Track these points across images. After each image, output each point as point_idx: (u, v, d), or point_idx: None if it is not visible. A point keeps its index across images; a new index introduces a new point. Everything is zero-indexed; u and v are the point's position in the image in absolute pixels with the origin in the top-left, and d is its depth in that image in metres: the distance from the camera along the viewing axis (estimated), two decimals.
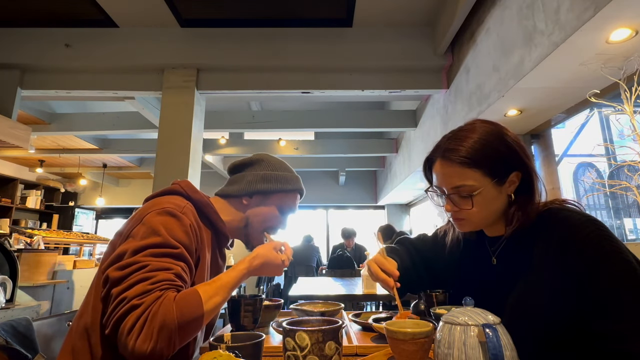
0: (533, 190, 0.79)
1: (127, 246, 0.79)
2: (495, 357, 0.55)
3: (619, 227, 2.27)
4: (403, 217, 7.50)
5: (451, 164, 0.79)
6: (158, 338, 0.69)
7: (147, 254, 0.77)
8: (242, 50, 3.15)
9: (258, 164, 1.06)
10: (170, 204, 0.88)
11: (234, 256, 6.86)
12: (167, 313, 0.70)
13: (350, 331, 1.03)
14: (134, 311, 0.70)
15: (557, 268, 0.71)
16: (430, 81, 3.23)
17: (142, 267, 0.75)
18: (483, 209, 0.79)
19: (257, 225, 1.04)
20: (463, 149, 0.77)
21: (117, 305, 0.72)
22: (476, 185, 0.77)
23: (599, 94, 1.90)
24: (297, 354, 0.67)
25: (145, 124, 4.29)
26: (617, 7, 1.48)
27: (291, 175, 1.08)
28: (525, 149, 0.80)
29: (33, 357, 0.95)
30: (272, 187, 1.03)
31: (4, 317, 2.09)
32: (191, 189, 0.97)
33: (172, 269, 0.78)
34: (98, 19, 3.06)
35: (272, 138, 5.59)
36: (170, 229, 0.83)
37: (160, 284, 0.74)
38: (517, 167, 0.78)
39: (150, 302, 0.71)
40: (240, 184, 1.04)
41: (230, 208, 1.04)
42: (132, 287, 0.73)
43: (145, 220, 0.84)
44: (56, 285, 3.22)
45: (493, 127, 0.81)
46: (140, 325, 0.69)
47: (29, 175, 6.73)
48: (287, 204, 1.06)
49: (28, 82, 3.16)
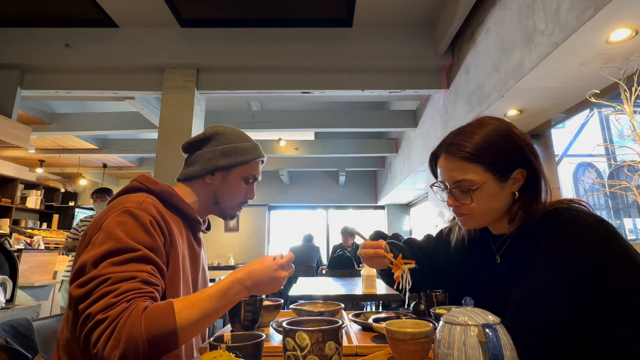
0: (538, 189, 0.78)
1: (87, 257, 0.76)
2: (495, 357, 0.55)
3: (619, 227, 2.28)
4: (403, 217, 7.50)
5: (453, 158, 0.80)
6: (124, 348, 0.66)
7: (107, 264, 0.74)
8: (242, 50, 3.15)
9: (214, 139, 1.02)
10: (128, 202, 0.85)
11: (233, 256, 6.86)
12: (134, 325, 0.68)
13: (350, 331, 1.03)
14: (99, 326, 0.68)
15: (562, 268, 0.70)
16: (430, 81, 3.23)
17: (104, 281, 0.72)
18: (484, 204, 0.79)
19: (227, 199, 1.02)
20: (466, 144, 0.78)
21: (84, 321, 0.71)
22: (477, 180, 0.77)
23: (599, 94, 1.90)
24: (297, 354, 0.67)
25: (145, 124, 4.29)
26: (617, 7, 1.48)
27: (249, 145, 1.03)
28: (532, 147, 0.79)
29: (33, 357, 0.95)
30: (232, 161, 1.00)
31: (4, 317, 2.09)
32: (150, 182, 0.94)
33: (137, 277, 0.75)
34: (98, 19, 3.06)
35: (272, 138, 5.59)
36: (129, 231, 0.79)
37: (125, 295, 0.71)
38: (522, 165, 0.78)
39: (116, 315, 0.69)
40: (199, 163, 1.00)
41: (195, 190, 1.01)
42: (95, 302, 0.70)
43: (103, 226, 0.80)
44: (56, 285, 3.22)
45: (500, 123, 0.81)
46: (105, 338, 0.67)
47: (29, 175, 6.73)
48: (250, 174, 1.03)
49: (28, 82, 3.16)
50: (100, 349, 0.67)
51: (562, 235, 0.71)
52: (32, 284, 2.90)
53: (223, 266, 5.92)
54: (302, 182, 7.58)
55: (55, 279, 3.23)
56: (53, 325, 1.14)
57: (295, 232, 6.16)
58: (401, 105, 4.99)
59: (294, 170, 7.35)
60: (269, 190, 7.38)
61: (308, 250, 5.33)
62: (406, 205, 7.47)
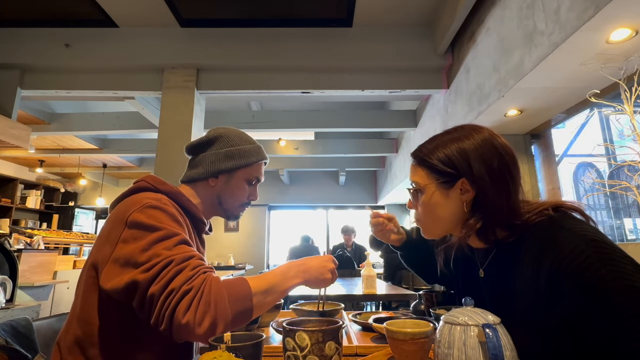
0: (487, 205, 0.72)
1: (129, 250, 0.75)
2: (495, 357, 0.55)
3: (619, 227, 2.28)
4: (403, 217, 7.50)
5: (413, 161, 0.82)
6: (215, 311, 0.70)
7: (160, 249, 0.75)
8: (242, 50, 3.15)
9: (217, 142, 1.03)
10: (147, 199, 0.85)
11: (233, 256, 6.86)
12: (219, 291, 0.72)
13: (350, 331, 1.03)
14: (187, 295, 0.70)
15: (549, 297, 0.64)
16: (430, 81, 3.23)
17: (169, 262, 0.74)
18: (428, 210, 0.78)
19: (230, 201, 1.03)
20: (423, 148, 0.80)
21: (167, 298, 0.70)
22: (421, 183, 0.78)
23: (599, 94, 1.90)
24: (297, 354, 0.67)
25: (145, 124, 4.29)
26: (617, 7, 1.48)
27: (252, 147, 1.05)
28: (488, 155, 0.73)
29: (33, 357, 0.95)
30: (236, 163, 1.01)
31: (4, 317, 2.09)
32: (158, 182, 0.94)
33: (195, 255, 0.78)
34: (98, 19, 3.06)
35: (272, 138, 5.59)
36: (162, 221, 0.80)
37: (199, 269, 0.75)
38: (465, 175, 0.73)
39: (200, 284, 0.72)
40: (203, 166, 1.01)
41: (199, 192, 1.02)
42: (173, 279, 0.72)
43: (131, 222, 0.79)
44: (56, 285, 3.23)
45: (467, 131, 0.77)
46: (195, 304, 0.69)
47: (29, 175, 6.73)
48: (253, 176, 1.05)
49: (28, 82, 3.16)
50: (190, 317, 0.68)
51: (545, 256, 0.65)
52: (32, 284, 2.90)
53: (223, 266, 5.91)
54: (302, 182, 7.57)
55: (55, 279, 3.23)
56: (53, 325, 1.14)
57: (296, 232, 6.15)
58: (401, 105, 4.99)
59: (294, 170, 7.34)
60: (269, 190, 7.38)
61: (308, 250, 5.33)
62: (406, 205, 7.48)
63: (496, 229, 0.73)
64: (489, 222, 0.72)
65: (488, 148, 0.74)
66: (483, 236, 0.74)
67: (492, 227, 0.73)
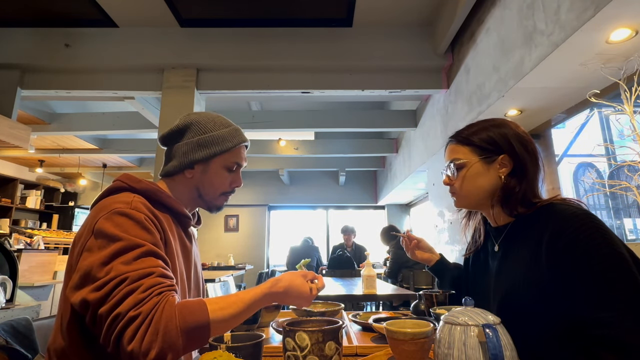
0: (523, 176, 0.85)
1: (90, 262, 0.72)
2: (495, 357, 0.55)
3: (619, 227, 2.27)
4: (403, 217, 7.49)
5: (453, 142, 0.94)
6: (162, 341, 0.65)
7: (117, 264, 0.71)
8: (242, 50, 3.15)
9: (190, 130, 0.96)
10: (116, 203, 0.81)
11: (233, 256, 6.86)
12: (171, 318, 0.67)
13: (350, 331, 1.03)
14: (133, 323, 0.66)
15: (548, 259, 0.74)
16: (430, 81, 3.23)
17: (122, 281, 0.69)
18: (468, 182, 0.89)
19: (210, 191, 0.98)
20: (464, 131, 0.93)
21: (112, 322, 0.67)
22: (463, 159, 0.90)
23: (599, 94, 1.90)
24: (297, 354, 0.67)
25: (145, 124, 4.29)
26: (617, 7, 1.48)
27: (228, 131, 0.97)
28: (525, 140, 0.88)
29: (33, 357, 0.95)
30: (210, 152, 0.94)
31: (4, 317, 2.09)
32: (133, 180, 0.90)
33: (154, 272, 0.72)
34: (98, 19, 3.06)
35: (272, 138, 5.59)
36: (127, 230, 0.76)
37: (152, 290, 0.70)
38: (507, 152, 0.87)
39: (149, 310, 0.67)
40: (177, 158, 0.96)
41: (177, 186, 0.98)
42: (121, 301, 0.67)
43: (97, 230, 0.76)
44: (56, 285, 3.22)
45: (502, 120, 0.93)
46: (142, 333, 0.65)
47: (29, 175, 6.73)
48: (232, 162, 0.98)
49: (28, 82, 3.16)
50: (136, 346, 0.64)
51: (551, 226, 0.76)
52: (32, 284, 2.90)
53: (223, 266, 5.91)
54: (302, 182, 7.57)
55: (55, 279, 3.23)
56: (53, 325, 1.14)
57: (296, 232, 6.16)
58: (401, 105, 4.99)
59: (294, 170, 7.34)
60: (269, 190, 7.37)
61: (308, 250, 5.33)
62: (406, 205, 7.47)
63: (520, 203, 0.85)
64: (512, 190, 0.85)
65: (522, 135, 0.89)
66: (512, 206, 0.85)
67: (524, 196, 0.84)
